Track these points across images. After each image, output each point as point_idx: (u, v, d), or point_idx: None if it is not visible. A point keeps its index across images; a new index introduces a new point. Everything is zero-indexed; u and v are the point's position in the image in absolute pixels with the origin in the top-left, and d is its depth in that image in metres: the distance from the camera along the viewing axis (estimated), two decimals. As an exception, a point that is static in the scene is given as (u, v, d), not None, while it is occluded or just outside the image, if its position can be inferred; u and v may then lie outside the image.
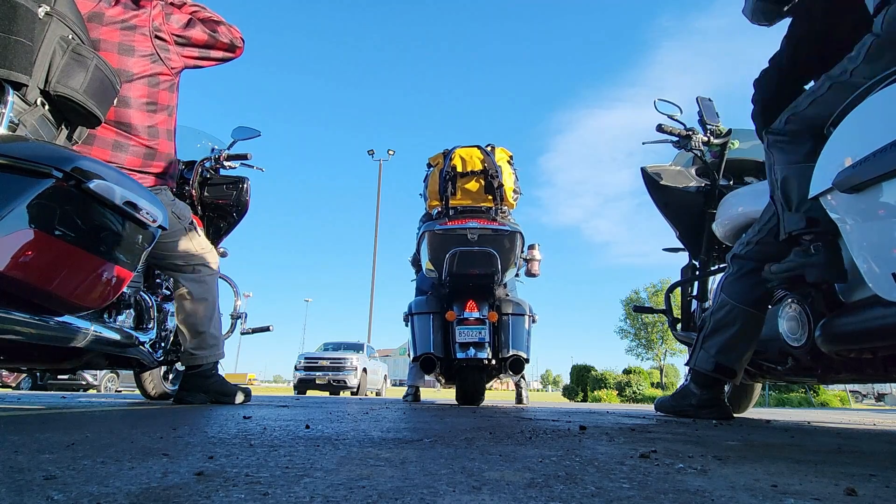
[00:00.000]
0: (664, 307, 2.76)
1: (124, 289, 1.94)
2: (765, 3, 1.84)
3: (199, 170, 2.75)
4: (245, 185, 2.83)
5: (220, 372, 2.58)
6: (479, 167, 3.14)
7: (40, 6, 1.44)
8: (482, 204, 3.18)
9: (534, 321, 3.51)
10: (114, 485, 0.64)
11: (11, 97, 1.39)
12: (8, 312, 1.37)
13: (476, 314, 3.13)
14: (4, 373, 11.33)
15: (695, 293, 2.74)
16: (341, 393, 11.85)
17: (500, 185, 3.13)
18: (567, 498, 0.64)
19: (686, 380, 2.25)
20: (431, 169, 3.33)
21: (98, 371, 10.07)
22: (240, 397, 2.63)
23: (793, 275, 1.64)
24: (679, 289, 2.80)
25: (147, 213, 1.64)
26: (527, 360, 3.23)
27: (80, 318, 1.68)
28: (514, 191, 3.26)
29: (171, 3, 2.22)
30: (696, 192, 2.65)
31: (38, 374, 10.13)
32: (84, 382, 11.50)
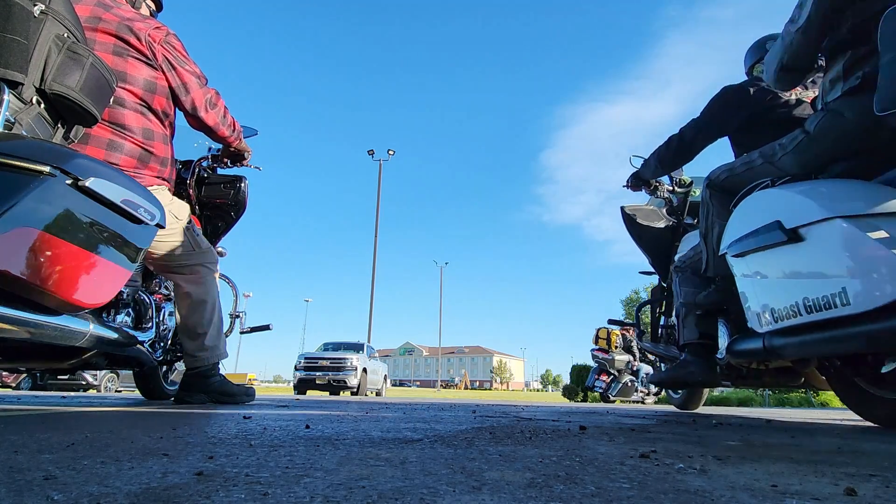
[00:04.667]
0: (634, 321, 3.42)
1: (122, 288, 1.93)
2: (787, 73, 1.89)
3: (196, 169, 2.74)
4: (243, 184, 2.82)
5: (220, 372, 2.58)
6: None
7: (35, 4, 1.42)
8: None
9: None
10: (114, 485, 0.64)
11: (7, 96, 1.37)
12: (5, 311, 1.36)
13: None
14: (4, 373, 11.33)
15: (663, 310, 3.28)
16: (341, 393, 11.85)
17: None
18: (567, 498, 0.64)
19: (682, 355, 2.57)
20: None
21: (98, 371, 10.06)
22: (241, 398, 2.63)
23: (716, 306, 2.22)
24: (649, 306, 3.42)
25: (145, 212, 1.63)
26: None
27: (79, 318, 1.67)
28: None
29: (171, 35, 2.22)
30: (665, 228, 3.18)
31: (38, 374, 10.13)
32: (84, 382, 11.49)
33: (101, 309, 1.95)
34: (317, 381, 11.79)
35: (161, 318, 2.53)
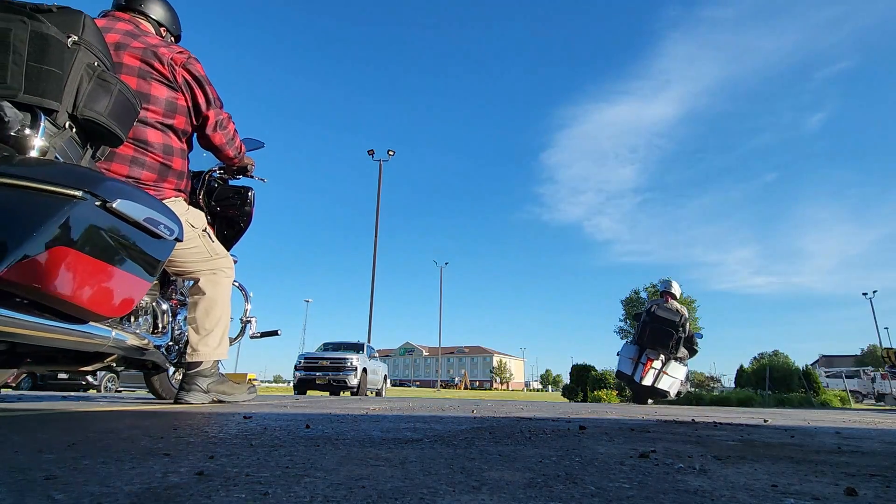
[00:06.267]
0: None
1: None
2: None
3: (207, 179, 2.77)
4: (249, 195, 2.85)
5: (221, 372, 2.60)
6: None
7: (69, 36, 1.54)
8: None
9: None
10: (115, 484, 0.64)
11: (44, 122, 1.48)
12: (40, 321, 1.46)
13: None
14: (5, 373, 11.32)
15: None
16: (341, 393, 11.85)
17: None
18: (567, 498, 0.64)
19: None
20: None
21: (98, 371, 10.07)
22: (241, 396, 2.65)
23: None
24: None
25: (165, 228, 1.73)
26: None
27: (102, 326, 1.77)
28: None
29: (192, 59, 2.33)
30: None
31: (37, 374, 10.14)
32: (84, 382, 11.49)
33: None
34: (317, 381, 11.78)
35: (176, 323, 2.61)
